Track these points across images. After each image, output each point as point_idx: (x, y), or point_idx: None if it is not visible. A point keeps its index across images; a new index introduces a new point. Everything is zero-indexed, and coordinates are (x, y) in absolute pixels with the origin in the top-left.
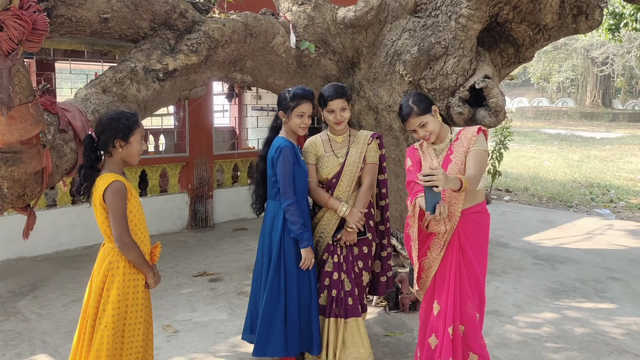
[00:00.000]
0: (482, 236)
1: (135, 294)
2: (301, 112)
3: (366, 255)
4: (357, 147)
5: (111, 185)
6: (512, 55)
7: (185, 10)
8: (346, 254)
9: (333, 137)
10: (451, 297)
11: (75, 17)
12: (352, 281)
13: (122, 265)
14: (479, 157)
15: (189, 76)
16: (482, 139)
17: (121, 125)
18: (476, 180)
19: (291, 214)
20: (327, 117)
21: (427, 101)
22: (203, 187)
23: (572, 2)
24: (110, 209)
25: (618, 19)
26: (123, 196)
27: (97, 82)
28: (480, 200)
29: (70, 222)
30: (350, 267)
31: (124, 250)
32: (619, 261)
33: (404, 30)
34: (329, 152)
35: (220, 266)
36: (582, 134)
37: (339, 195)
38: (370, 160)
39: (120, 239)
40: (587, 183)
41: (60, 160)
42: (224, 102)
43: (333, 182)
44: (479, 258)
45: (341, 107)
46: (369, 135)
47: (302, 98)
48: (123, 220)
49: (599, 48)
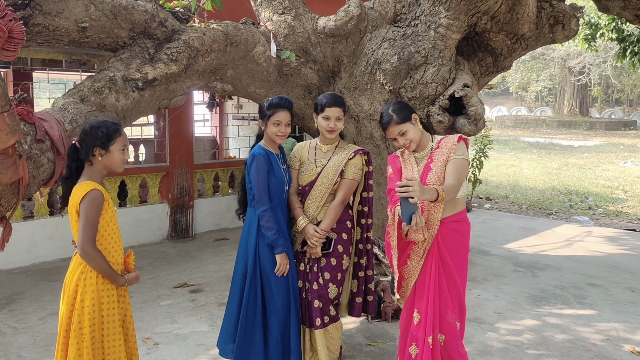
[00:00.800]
0: (462, 245)
1: (111, 303)
2: (277, 120)
3: (335, 267)
4: (336, 159)
5: (89, 193)
6: (490, 65)
7: (165, 19)
8: (312, 263)
9: (320, 145)
10: (431, 306)
11: (52, 26)
12: (312, 292)
13: (95, 274)
14: (459, 166)
15: (168, 85)
16: (463, 147)
17: (100, 133)
18: (454, 190)
19: (266, 220)
20: (321, 124)
21: (407, 109)
22: (184, 197)
23: (548, 12)
24: (82, 216)
25: (594, 29)
26: (99, 205)
27: (75, 92)
28: (460, 209)
29: (47, 234)
30: (314, 277)
31: (86, 259)
32: (598, 267)
33: (384, 40)
34: (311, 160)
35: (201, 277)
36: (560, 142)
37: (309, 205)
38: (349, 176)
39: (83, 247)
40: (565, 190)
41: (37, 170)
42: (205, 112)
43: (307, 189)
44: (458, 267)
45: (337, 116)
46: (352, 149)
47: (278, 107)
48: (90, 229)
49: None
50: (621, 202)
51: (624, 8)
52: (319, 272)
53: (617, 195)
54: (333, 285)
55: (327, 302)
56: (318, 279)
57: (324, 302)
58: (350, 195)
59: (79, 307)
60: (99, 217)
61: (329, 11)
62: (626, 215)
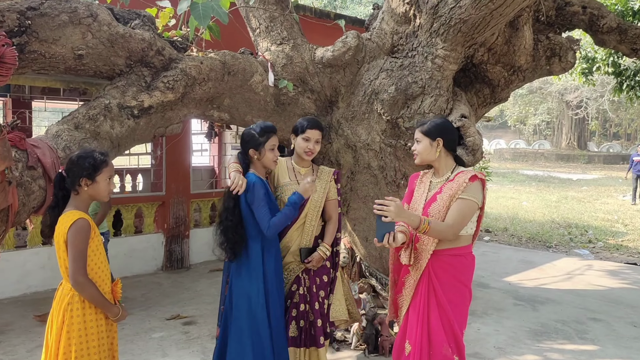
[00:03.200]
0: (458, 280)
1: (100, 333)
2: (273, 144)
3: (326, 283)
4: (321, 182)
5: (76, 222)
6: (488, 96)
7: (163, 47)
8: (309, 285)
9: (297, 167)
10: (420, 338)
11: (49, 53)
12: (315, 312)
13: (82, 306)
14: (464, 208)
15: (164, 113)
16: (475, 188)
17: (87, 163)
18: (447, 231)
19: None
20: (300, 144)
21: (437, 130)
22: (179, 227)
23: (545, 44)
24: (71, 246)
25: (591, 63)
26: (86, 234)
27: (69, 119)
28: (462, 244)
29: (40, 264)
30: (314, 298)
31: (78, 289)
32: (600, 302)
33: (381, 70)
34: (293, 181)
35: (195, 308)
36: (559, 176)
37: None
38: (333, 197)
39: (74, 278)
40: (565, 223)
41: (27, 198)
42: (203, 141)
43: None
44: (453, 303)
45: (316, 138)
46: (330, 172)
47: (271, 131)
48: (80, 259)
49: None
50: (621, 235)
51: (620, 42)
52: (317, 291)
53: (617, 229)
54: (326, 301)
55: (325, 319)
56: (318, 298)
57: (324, 320)
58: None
59: (65, 339)
60: (86, 246)
61: (326, 42)
62: (626, 249)
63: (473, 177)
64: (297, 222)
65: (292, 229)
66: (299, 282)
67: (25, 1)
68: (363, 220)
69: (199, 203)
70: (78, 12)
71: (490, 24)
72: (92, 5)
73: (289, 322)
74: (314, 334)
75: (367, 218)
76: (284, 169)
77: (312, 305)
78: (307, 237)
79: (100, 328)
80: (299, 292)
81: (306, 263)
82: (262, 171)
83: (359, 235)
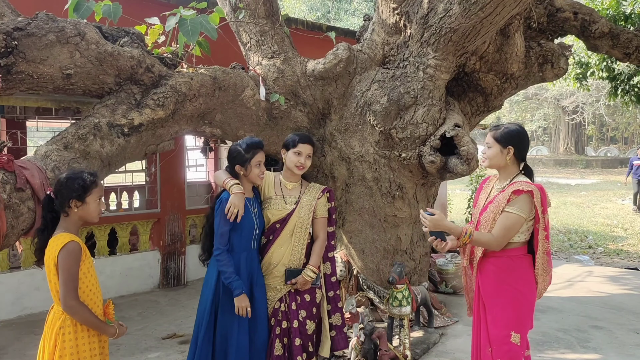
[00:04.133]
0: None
1: (93, 357)
2: (259, 160)
3: (308, 303)
4: (307, 200)
5: (66, 245)
6: (481, 104)
7: (152, 64)
8: (289, 302)
9: (285, 182)
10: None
11: (36, 73)
12: (293, 330)
13: (74, 329)
14: (506, 222)
15: (155, 130)
16: (522, 201)
17: (76, 185)
18: (490, 242)
19: (221, 264)
20: (291, 158)
21: (509, 138)
22: (175, 244)
23: (537, 51)
24: (62, 269)
25: (585, 68)
26: (77, 257)
27: (58, 139)
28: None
29: (34, 285)
30: (293, 315)
31: (70, 312)
32: (601, 309)
33: (373, 81)
34: (279, 195)
35: (191, 327)
36: (557, 181)
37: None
38: (321, 215)
39: (66, 302)
40: (565, 229)
41: (16, 220)
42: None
43: (277, 227)
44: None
45: (308, 153)
46: (320, 189)
47: (257, 147)
48: (71, 282)
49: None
50: (621, 240)
51: (612, 47)
52: (297, 309)
53: (616, 234)
54: (310, 322)
55: (306, 338)
56: (297, 316)
57: (304, 339)
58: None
59: None
60: (77, 269)
61: (319, 54)
62: (627, 253)
63: (517, 191)
64: (279, 240)
65: (274, 246)
66: (281, 299)
67: (12, 22)
68: (359, 232)
69: (195, 219)
70: (65, 32)
71: (481, 32)
72: (80, 24)
73: (274, 340)
74: (291, 353)
75: (363, 230)
76: (271, 183)
77: (290, 323)
78: (295, 255)
79: (94, 352)
80: (281, 309)
81: (290, 284)
82: (249, 186)
83: (355, 248)
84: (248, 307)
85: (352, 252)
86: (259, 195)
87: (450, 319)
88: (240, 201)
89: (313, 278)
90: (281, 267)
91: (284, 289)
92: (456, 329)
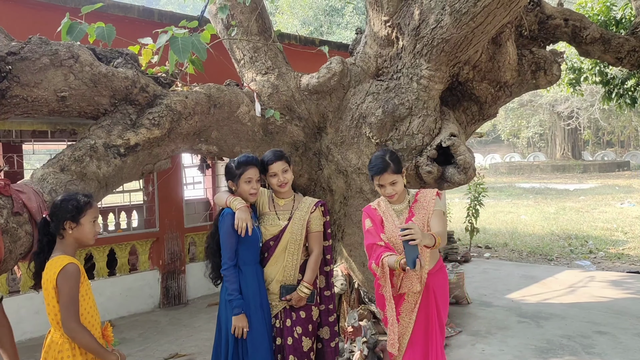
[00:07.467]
0: (447, 291)
1: None
2: (248, 177)
3: (304, 320)
4: (299, 215)
5: (65, 268)
6: (476, 113)
7: (147, 84)
8: (284, 318)
9: (277, 199)
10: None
11: (31, 97)
12: (287, 347)
13: (72, 353)
14: (442, 216)
15: (152, 150)
16: (440, 200)
17: (70, 206)
18: (444, 237)
19: (226, 279)
20: (271, 182)
21: (400, 162)
22: (175, 262)
23: (529, 58)
24: (61, 293)
25: (578, 74)
26: (76, 279)
27: (55, 162)
28: (438, 258)
29: (34, 309)
30: (287, 332)
31: (72, 336)
32: (604, 314)
33: (367, 94)
34: (272, 211)
35: (194, 345)
36: (555, 187)
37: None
38: (316, 229)
39: (67, 325)
40: (565, 235)
41: (14, 244)
42: (196, 174)
43: (271, 244)
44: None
45: (282, 169)
46: (312, 203)
47: (247, 164)
48: (72, 305)
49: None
50: (622, 244)
51: (604, 52)
52: (293, 326)
53: (617, 237)
54: (306, 339)
55: (302, 355)
56: (292, 333)
57: (299, 356)
58: (322, 246)
59: None
60: (77, 291)
61: (313, 69)
62: (628, 257)
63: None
64: (273, 257)
65: (269, 263)
66: (276, 315)
67: (5, 46)
68: (359, 245)
69: (194, 237)
70: (59, 55)
71: (473, 42)
72: (73, 46)
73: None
74: None
75: (363, 243)
76: (265, 200)
77: (285, 340)
78: (289, 271)
79: None
80: (276, 325)
81: (285, 301)
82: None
83: (355, 261)
84: (245, 328)
85: (353, 265)
86: (256, 211)
87: (453, 330)
88: (247, 215)
89: (307, 294)
90: (275, 283)
91: (279, 305)
92: (460, 339)
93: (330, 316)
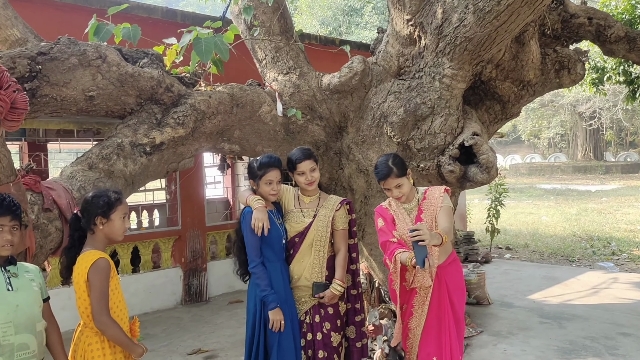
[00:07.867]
0: (462, 283)
1: None
2: (269, 179)
3: (332, 316)
4: (324, 213)
5: (96, 262)
6: (498, 112)
7: (171, 84)
8: (313, 314)
9: (302, 197)
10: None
11: (60, 96)
12: (317, 343)
13: (102, 346)
14: (449, 212)
15: (176, 149)
16: (448, 197)
17: (101, 202)
18: (451, 232)
19: (256, 277)
20: (298, 180)
21: (404, 165)
22: (197, 260)
23: (553, 57)
24: (92, 287)
25: (601, 73)
26: (107, 274)
27: (83, 159)
28: (451, 251)
29: (60, 304)
30: (317, 328)
31: (103, 329)
32: (628, 315)
33: (389, 93)
34: (297, 209)
35: (216, 342)
36: (577, 188)
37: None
38: (341, 227)
39: (98, 318)
40: (587, 236)
41: (44, 240)
42: (216, 174)
43: (296, 241)
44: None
45: (310, 167)
46: (337, 201)
47: (269, 166)
48: (103, 299)
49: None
50: None
51: (629, 50)
52: (322, 322)
53: None
54: (335, 334)
55: (332, 350)
56: (322, 329)
57: (329, 351)
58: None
59: None
60: (108, 285)
61: (333, 68)
62: None
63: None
64: (299, 254)
65: (295, 260)
66: (307, 311)
67: (35, 47)
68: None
69: (215, 235)
70: (87, 55)
71: (496, 40)
72: (101, 46)
73: (300, 352)
74: None
75: None
76: (290, 197)
77: (314, 336)
78: (316, 268)
79: None
80: (306, 321)
81: (318, 298)
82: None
83: (376, 260)
84: (282, 321)
85: (373, 265)
86: (281, 208)
87: (474, 330)
88: (263, 214)
89: (341, 292)
90: (303, 280)
91: (309, 301)
92: (481, 339)
93: (357, 316)
